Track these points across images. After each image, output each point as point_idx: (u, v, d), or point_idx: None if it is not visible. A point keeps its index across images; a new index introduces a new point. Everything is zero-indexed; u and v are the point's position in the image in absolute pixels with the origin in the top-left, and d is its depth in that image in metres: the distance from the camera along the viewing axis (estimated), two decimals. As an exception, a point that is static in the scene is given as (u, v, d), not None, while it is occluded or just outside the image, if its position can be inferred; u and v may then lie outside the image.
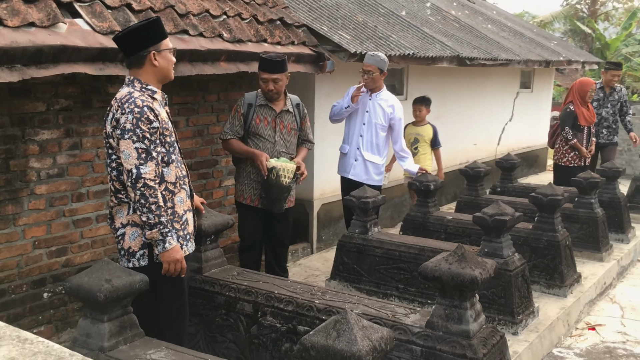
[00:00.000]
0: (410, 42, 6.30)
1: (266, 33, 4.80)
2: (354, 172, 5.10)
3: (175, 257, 2.90)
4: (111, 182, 2.94)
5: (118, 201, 2.94)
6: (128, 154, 2.77)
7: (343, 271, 4.54)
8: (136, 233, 2.94)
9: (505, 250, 3.93)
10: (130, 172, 2.77)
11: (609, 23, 32.24)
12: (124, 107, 2.81)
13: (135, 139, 2.77)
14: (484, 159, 9.46)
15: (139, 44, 2.89)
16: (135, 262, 2.96)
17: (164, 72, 2.98)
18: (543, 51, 9.76)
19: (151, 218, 2.80)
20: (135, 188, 2.77)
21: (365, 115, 5.10)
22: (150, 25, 2.92)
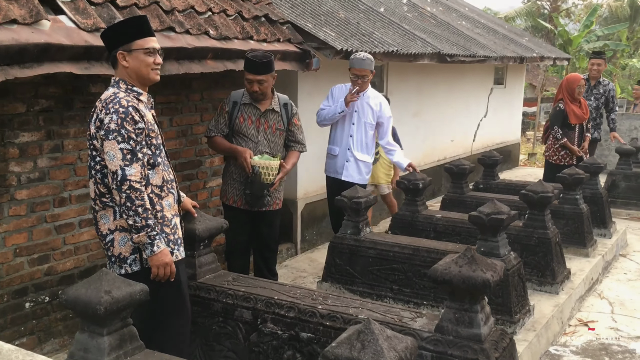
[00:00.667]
0: (393, 38, 6.25)
1: (252, 30, 4.68)
2: (347, 173, 5.02)
3: (164, 260, 2.80)
4: (95, 185, 2.82)
5: (103, 205, 2.83)
6: (113, 155, 2.67)
7: (335, 273, 4.46)
8: (125, 238, 2.82)
9: (501, 249, 3.91)
10: (115, 173, 2.67)
11: (569, 20, 32.86)
12: (109, 107, 2.71)
13: (120, 139, 2.67)
14: (461, 155, 9.50)
15: (110, 44, 2.83)
16: (128, 268, 2.84)
17: (138, 73, 2.85)
18: (517, 47, 9.83)
19: (137, 221, 2.69)
20: (121, 190, 2.66)
21: (354, 115, 5.03)
22: (119, 24, 2.86)
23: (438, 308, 4.06)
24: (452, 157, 9.22)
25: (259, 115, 4.19)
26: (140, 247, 2.80)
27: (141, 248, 2.80)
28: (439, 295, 4.07)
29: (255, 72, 4.02)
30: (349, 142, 5.03)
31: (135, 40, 2.81)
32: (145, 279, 2.72)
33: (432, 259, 4.09)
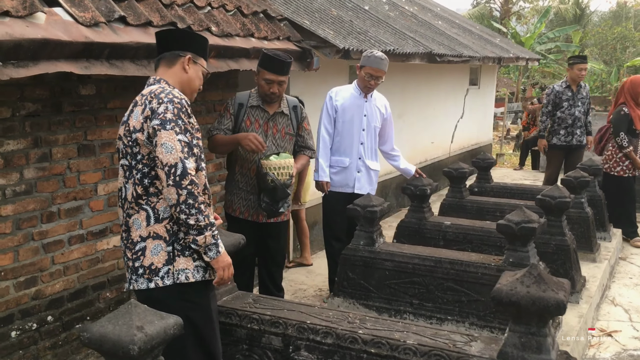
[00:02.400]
0: (386, 37, 6.01)
1: (252, 27, 4.34)
2: (359, 185, 4.63)
3: (228, 261, 2.55)
4: (134, 187, 2.49)
5: (138, 208, 2.50)
6: (171, 147, 2.34)
7: (348, 287, 4.17)
8: (159, 247, 2.49)
9: (532, 259, 3.69)
10: (175, 167, 2.33)
11: (517, 22, 33.47)
12: (160, 96, 2.43)
13: (178, 130, 2.37)
14: (440, 157, 9.36)
15: (182, 44, 2.61)
16: (159, 282, 2.49)
17: (189, 84, 2.65)
18: (494, 48, 9.76)
19: (201, 220, 2.39)
20: (181, 186, 2.34)
21: (363, 120, 4.62)
22: (203, 39, 2.71)
23: (463, 324, 3.82)
24: (433, 159, 9.07)
25: (267, 118, 3.86)
26: (201, 251, 2.48)
27: (202, 252, 2.48)
28: (464, 309, 3.83)
29: (279, 72, 3.70)
30: (360, 151, 4.64)
31: (202, 58, 2.70)
32: (176, 295, 2.49)
33: (456, 271, 3.86)
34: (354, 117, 4.59)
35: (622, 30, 30.81)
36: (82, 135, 3.70)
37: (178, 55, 2.59)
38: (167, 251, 2.48)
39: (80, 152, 3.70)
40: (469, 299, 3.81)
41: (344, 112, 4.59)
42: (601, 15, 42.11)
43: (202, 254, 2.48)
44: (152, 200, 2.48)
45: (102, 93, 3.75)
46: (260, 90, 3.80)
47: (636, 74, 32.44)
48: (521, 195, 6.11)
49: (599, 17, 41.69)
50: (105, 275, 3.95)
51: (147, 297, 2.45)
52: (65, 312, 3.75)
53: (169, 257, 2.48)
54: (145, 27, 3.44)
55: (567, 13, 34.84)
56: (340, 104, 4.59)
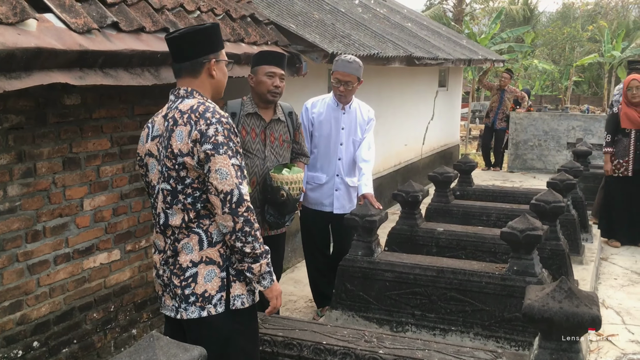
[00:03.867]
0: (368, 41, 5.92)
1: (242, 31, 4.18)
2: (338, 204, 4.37)
3: (279, 289, 2.45)
4: (184, 212, 2.32)
5: (188, 232, 2.33)
6: (226, 173, 2.21)
7: (346, 299, 4.05)
8: (213, 272, 2.33)
9: (536, 267, 3.66)
10: (231, 194, 2.21)
11: (467, 23, 34.04)
12: (206, 116, 2.25)
13: (230, 153, 2.24)
14: (413, 159, 9.35)
15: (199, 49, 2.37)
16: (212, 310, 2.33)
17: (219, 86, 2.49)
18: (463, 50, 9.80)
19: (257, 247, 2.27)
20: (238, 214, 2.22)
21: (341, 133, 4.32)
22: (214, 28, 2.44)
23: (468, 334, 3.76)
24: (406, 161, 9.04)
25: (264, 126, 3.70)
26: (254, 280, 2.35)
27: (255, 281, 2.35)
28: (468, 320, 3.76)
29: (280, 64, 3.59)
30: (338, 167, 4.34)
31: (222, 50, 2.47)
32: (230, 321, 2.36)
33: (459, 281, 3.79)
34: (331, 131, 4.31)
35: (570, 30, 31.66)
36: (67, 147, 3.48)
37: (201, 63, 2.38)
38: (220, 277, 2.33)
39: (66, 166, 3.47)
40: (473, 309, 3.75)
41: (321, 125, 4.32)
42: (549, 16, 43.25)
43: (255, 282, 2.36)
44: (204, 222, 2.32)
45: (87, 103, 3.53)
46: (261, 89, 3.60)
47: (584, 72, 33.41)
48: (504, 198, 6.12)
49: (547, 17, 42.81)
50: (92, 295, 3.74)
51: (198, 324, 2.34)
52: (52, 337, 3.52)
53: (223, 283, 2.34)
54: (138, 33, 3.25)
55: (517, 14, 35.64)
56: (316, 116, 4.33)
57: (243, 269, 2.31)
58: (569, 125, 10.62)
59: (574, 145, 9.46)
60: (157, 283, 2.48)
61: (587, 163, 7.63)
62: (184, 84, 2.39)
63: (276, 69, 3.58)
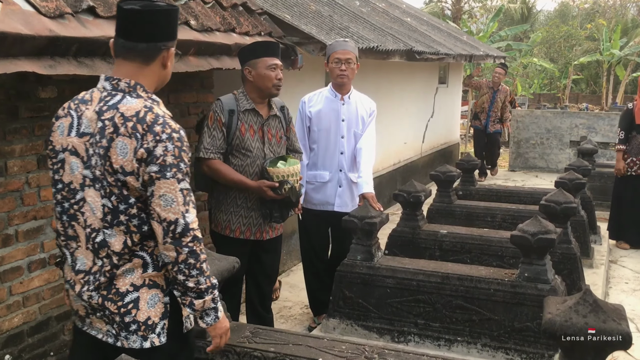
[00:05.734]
0: (367, 34, 5.65)
1: (233, 21, 3.91)
2: (341, 202, 4.14)
3: (226, 326, 2.18)
4: (127, 235, 1.99)
5: (130, 257, 2.01)
6: (171, 199, 1.91)
7: (344, 307, 3.79)
8: (156, 297, 2.03)
9: (549, 273, 3.40)
10: (175, 223, 1.92)
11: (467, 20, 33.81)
12: (156, 130, 1.90)
13: (180, 177, 1.93)
14: (413, 157, 9.10)
15: (161, 32, 1.99)
16: (155, 340, 2.03)
17: (165, 80, 2.12)
18: (464, 45, 9.55)
19: (202, 282, 1.99)
20: (182, 244, 1.93)
21: (341, 125, 4.10)
22: (174, 13, 2.05)
23: (475, 345, 3.50)
24: (406, 160, 8.79)
25: (262, 123, 3.44)
26: (196, 315, 2.08)
27: (198, 316, 2.08)
28: (475, 330, 3.50)
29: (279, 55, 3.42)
30: (341, 161, 4.12)
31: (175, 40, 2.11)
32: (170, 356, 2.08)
33: (466, 288, 3.53)
34: (330, 124, 4.08)
35: (568, 29, 31.45)
36: (43, 144, 3.21)
37: (159, 49, 2.00)
38: (164, 302, 2.06)
39: (41, 164, 3.21)
40: (481, 318, 3.49)
41: (320, 120, 4.10)
42: (547, 14, 43.07)
43: (198, 317, 2.08)
44: (148, 245, 2.02)
45: (64, 96, 3.26)
46: (264, 84, 3.36)
47: (582, 71, 33.23)
48: (508, 198, 5.86)
49: (545, 16, 42.62)
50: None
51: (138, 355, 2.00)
52: (26, 349, 3.26)
53: (166, 309, 2.06)
54: (118, 19, 2.98)
55: (515, 12, 35.43)
56: (314, 110, 4.10)
57: (184, 303, 2.02)
58: (572, 123, 10.38)
59: (578, 143, 9.24)
60: (79, 304, 2.09)
61: (592, 162, 7.38)
62: (126, 72, 1.99)
63: (277, 60, 3.38)
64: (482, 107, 9.63)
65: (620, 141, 5.98)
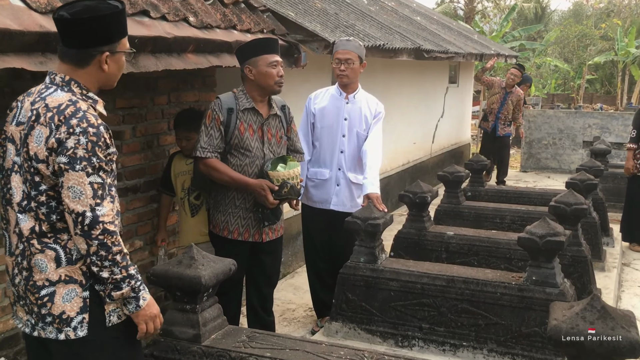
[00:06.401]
0: (374, 32, 5.57)
1: (234, 18, 3.83)
2: (337, 200, 4.07)
3: (152, 312, 2.18)
4: (36, 222, 2.05)
5: (42, 247, 2.06)
6: (79, 191, 1.97)
7: (347, 310, 3.70)
8: (73, 292, 2.07)
9: (557, 277, 3.29)
10: (82, 215, 1.97)
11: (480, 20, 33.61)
12: (71, 123, 1.97)
13: (90, 170, 1.98)
14: (422, 158, 9.00)
15: (92, 38, 2.05)
16: (71, 333, 2.08)
17: (110, 80, 2.19)
18: (475, 44, 9.43)
19: (116, 273, 2.03)
20: (91, 237, 1.98)
21: (343, 124, 4.05)
22: (113, 16, 2.06)
23: (481, 350, 3.40)
24: (415, 160, 8.69)
25: (261, 122, 3.37)
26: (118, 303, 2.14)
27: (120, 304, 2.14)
28: (481, 334, 3.40)
29: (278, 51, 3.33)
30: (340, 160, 4.08)
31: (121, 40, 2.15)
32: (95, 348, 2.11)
33: (472, 291, 3.44)
34: (332, 122, 4.05)
35: (583, 28, 31.12)
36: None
37: (91, 54, 2.06)
38: (82, 297, 2.08)
39: (37, 164, 3.14)
40: (487, 323, 3.39)
41: (323, 117, 4.08)
42: (561, 14, 42.69)
43: (122, 305, 2.14)
44: (61, 238, 2.06)
45: (61, 94, 3.20)
46: (266, 81, 3.29)
47: (596, 71, 32.90)
48: (518, 199, 5.74)
49: (559, 16, 42.25)
50: (68, 305, 3.40)
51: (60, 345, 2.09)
52: (22, 352, 3.20)
53: (85, 304, 2.08)
54: (113, 15, 2.91)
55: (529, 12, 35.14)
56: (319, 107, 4.09)
57: (105, 294, 2.07)
58: (585, 123, 10.21)
59: (591, 143, 9.07)
60: (11, 290, 2.19)
61: (605, 162, 7.23)
62: (64, 70, 2.08)
63: (278, 57, 3.31)
64: (491, 108, 8.82)
65: (632, 140, 5.85)
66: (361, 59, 4.01)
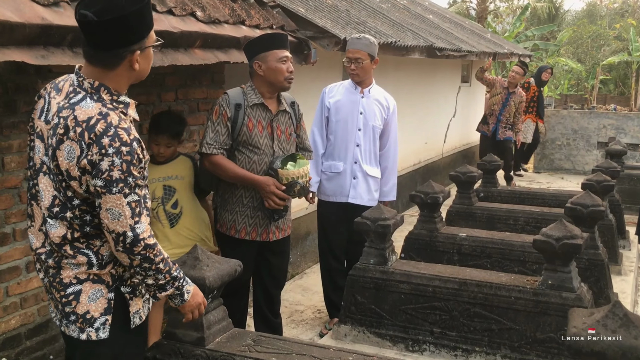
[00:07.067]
0: (385, 29, 5.47)
1: (243, 13, 3.76)
2: (355, 193, 4.05)
3: (197, 301, 2.23)
4: (69, 230, 1.99)
5: (74, 252, 2.01)
6: (119, 213, 1.91)
7: (357, 313, 3.61)
8: (99, 293, 2.05)
9: (574, 281, 3.18)
10: (123, 235, 1.93)
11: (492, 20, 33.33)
12: (102, 142, 1.86)
13: (127, 191, 1.91)
14: (433, 158, 8.88)
15: (121, 39, 1.91)
16: (93, 334, 2.05)
17: (140, 76, 2.07)
18: (488, 43, 9.31)
19: (161, 279, 2.05)
20: (133, 253, 1.96)
21: (359, 118, 4.04)
22: (141, 12, 1.92)
23: (494, 356, 3.30)
24: (426, 160, 8.58)
25: (270, 118, 3.28)
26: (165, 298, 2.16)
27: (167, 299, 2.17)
28: (495, 340, 3.30)
29: (287, 46, 3.25)
30: (355, 153, 4.07)
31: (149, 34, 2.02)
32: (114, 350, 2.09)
33: (485, 295, 3.33)
34: (348, 116, 4.04)
35: (597, 28, 30.82)
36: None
37: (122, 55, 1.93)
38: (107, 298, 2.06)
39: (40, 161, 3.08)
40: (501, 328, 3.28)
41: (338, 111, 4.06)
42: (575, 14, 42.33)
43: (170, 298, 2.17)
44: (94, 244, 2.03)
45: (66, 89, 3.14)
46: (276, 77, 3.20)
47: (610, 71, 32.60)
48: (532, 200, 5.62)
49: (573, 16, 41.90)
50: (72, 305, 3.34)
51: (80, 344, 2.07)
52: (24, 352, 3.15)
53: (109, 305, 2.06)
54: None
55: (542, 12, 34.84)
56: (333, 101, 4.07)
57: (151, 294, 2.11)
58: (600, 124, 10.05)
59: (606, 144, 8.93)
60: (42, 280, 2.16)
61: (621, 163, 7.08)
62: (91, 74, 1.95)
63: (287, 52, 3.24)
64: (492, 110, 8.13)
65: None
66: (372, 56, 3.97)
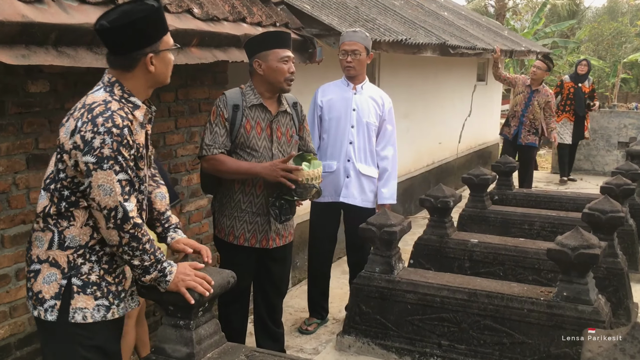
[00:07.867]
0: (396, 26, 5.30)
1: (244, 10, 3.62)
2: (347, 192, 3.93)
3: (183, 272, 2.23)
4: (50, 201, 2.14)
5: (44, 226, 2.16)
6: (109, 189, 2.04)
7: (361, 323, 3.46)
8: (53, 276, 2.14)
9: (591, 293, 3.00)
10: (115, 210, 2.05)
11: (511, 18, 32.87)
12: (97, 121, 2.01)
13: (117, 169, 2.05)
14: (448, 158, 8.69)
15: (132, 43, 2.08)
16: (41, 313, 2.14)
17: (159, 79, 2.20)
18: (504, 40, 9.08)
19: (146, 259, 2.14)
20: (123, 230, 2.08)
21: (352, 115, 3.94)
22: (149, 17, 2.07)
23: (506, 371, 3.12)
24: (440, 160, 8.38)
25: (270, 120, 3.14)
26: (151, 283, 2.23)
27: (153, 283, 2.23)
28: (506, 354, 3.12)
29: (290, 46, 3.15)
30: (349, 151, 3.95)
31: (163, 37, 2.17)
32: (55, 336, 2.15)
33: (496, 306, 3.17)
34: (340, 113, 3.97)
35: (618, 25, 30.29)
36: (33, 142, 2.98)
37: (136, 59, 2.09)
38: (60, 284, 2.13)
39: (30, 164, 2.97)
40: (513, 341, 3.11)
41: (330, 108, 4.01)
42: (595, 10, 41.68)
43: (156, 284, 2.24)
44: (61, 223, 2.13)
45: (57, 90, 3.03)
46: (276, 77, 3.08)
47: (632, 69, 32.06)
48: (549, 204, 5.42)
49: (593, 12, 41.26)
50: (64, 313, 3.22)
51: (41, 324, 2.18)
52: (14, 362, 3.03)
53: (60, 291, 2.13)
54: (108, 5, 2.72)
55: (562, 8, 34.33)
56: (326, 99, 4.03)
57: (135, 277, 2.20)
58: (620, 123, 9.77)
59: (627, 144, 8.66)
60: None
61: (641, 165, 6.83)
62: (113, 74, 2.15)
63: (289, 52, 3.11)
64: (514, 111, 7.26)
65: None
66: (368, 50, 3.94)
